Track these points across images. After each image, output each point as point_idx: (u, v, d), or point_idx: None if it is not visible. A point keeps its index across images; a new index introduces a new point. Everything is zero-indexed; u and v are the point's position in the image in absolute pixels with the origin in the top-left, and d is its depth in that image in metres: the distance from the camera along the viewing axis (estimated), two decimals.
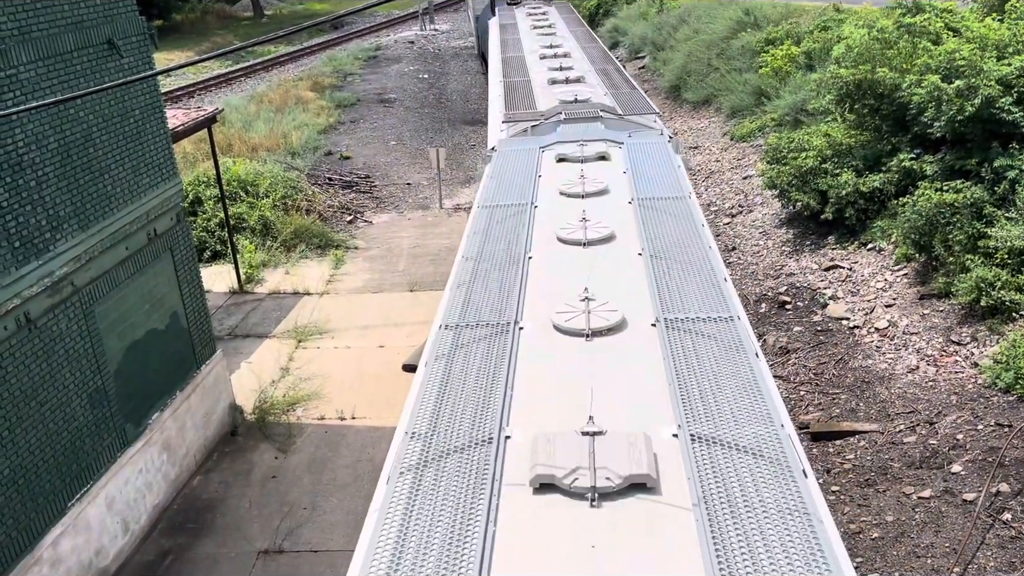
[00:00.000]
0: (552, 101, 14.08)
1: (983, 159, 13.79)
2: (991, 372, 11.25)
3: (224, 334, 15.95)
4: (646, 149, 11.02)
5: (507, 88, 16.32)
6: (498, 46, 22.47)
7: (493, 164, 10.81)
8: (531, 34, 23.53)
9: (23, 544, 8.61)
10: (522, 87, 16.18)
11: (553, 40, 21.67)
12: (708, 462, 4.59)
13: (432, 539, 4.17)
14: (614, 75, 18.11)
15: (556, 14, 29.53)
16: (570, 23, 26.82)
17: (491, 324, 6.54)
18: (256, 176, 21.62)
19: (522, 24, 26.64)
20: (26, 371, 8.61)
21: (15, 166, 8.42)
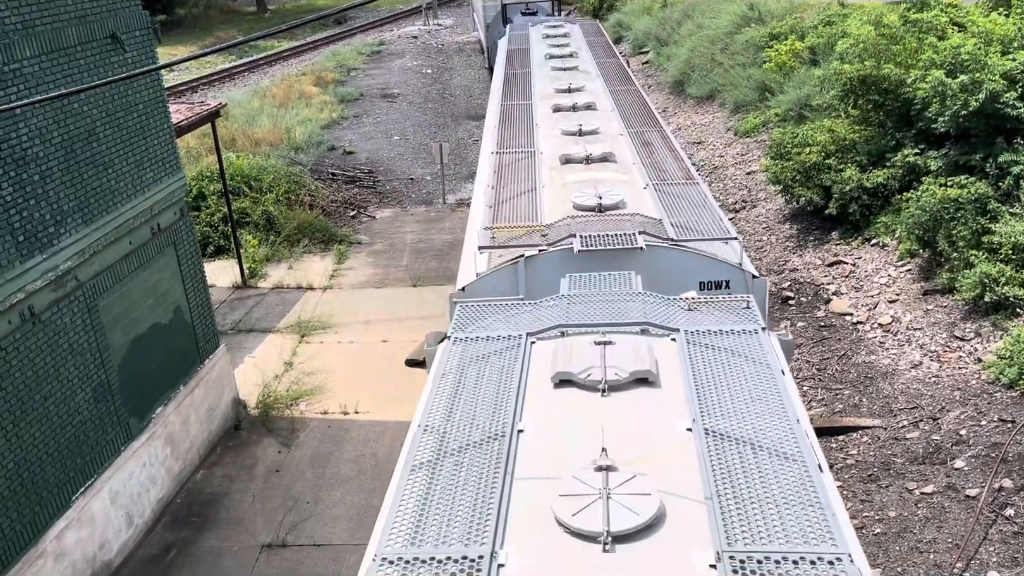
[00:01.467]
0: (563, 204, 9.09)
1: (987, 154, 13.76)
2: (995, 368, 11.23)
3: (228, 329, 15.97)
4: (726, 361, 5.76)
5: (501, 167, 11.01)
6: (501, 82, 16.60)
7: (445, 358, 6.14)
8: (545, 68, 17.08)
9: (28, 537, 8.65)
10: (523, 166, 10.92)
11: (573, 79, 15.51)
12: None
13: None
14: (659, 146, 11.64)
15: (579, 37, 21.22)
16: (597, 51, 19.25)
17: None
18: (259, 171, 21.64)
19: (536, 50, 19.42)
20: (30, 365, 8.64)
21: (19, 160, 8.43)
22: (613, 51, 19.73)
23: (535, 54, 18.77)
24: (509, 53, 19.45)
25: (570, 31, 21.63)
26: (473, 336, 6.32)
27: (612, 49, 19.92)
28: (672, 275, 7.66)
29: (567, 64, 16.95)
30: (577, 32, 21.79)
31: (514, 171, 10.79)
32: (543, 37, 20.80)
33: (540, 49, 19.16)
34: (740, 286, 7.88)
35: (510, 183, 10.33)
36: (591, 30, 22.34)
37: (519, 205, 9.40)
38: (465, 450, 4.94)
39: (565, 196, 9.30)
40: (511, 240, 8.27)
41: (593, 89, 14.93)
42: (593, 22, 24.33)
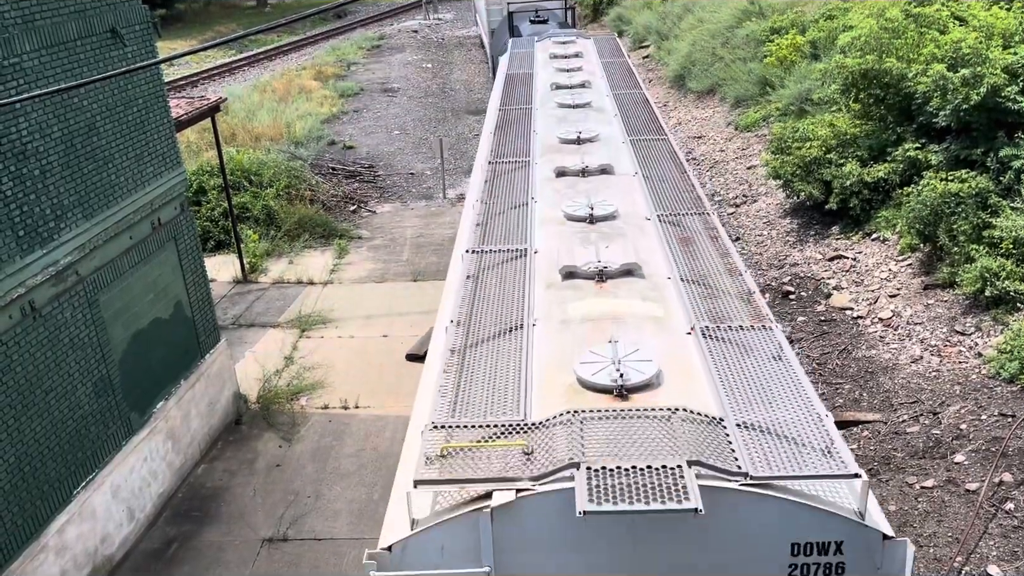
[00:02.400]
0: (562, 373, 5.72)
1: (988, 148, 13.74)
2: (995, 362, 11.23)
3: (228, 323, 15.98)
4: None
5: (480, 281, 7.21)
6: (494, 122, 12.80)
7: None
8: (550, 103, 13.38)
9: (29, 531, 8.66)
10: (510, 282, 7.12)
11: (585, 122, 12.02)
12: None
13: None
14: (706, 248, 7.87)
15: (594, 57, 17.03)
16: (614, 77, 15.22)
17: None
18: (260, 165, 21.62)
19: (541, 76, 15.47)
20: (31, 359, 8.65)
21: (19, 155, 8.43)
22: (634, 77, 15.41)
23: (539, 81, 14.94)
24: (508, 79, 15.40)
25: (583, 49, 17.61)
26: None
27: (633, 75, 15.54)
28: (745, 532, 4.63)
29: (578, 98, 13.32)
30: (591, 51, 17.61)
31: (497, 291, 6.75)
32: (551, 58, 16.88)
33: (546, 75, 15.43)
34: (862, 554, 4.73)
35: (487, 316, 6.38)
36: (608, 48, 18.02)
37: (494, 387, 5.48)
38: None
39: (571, 344, 5.95)
40: (468, 467, 4.73)
41: (609, 138, 11.33)
42: (610, 38, 19.03)
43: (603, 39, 18.96)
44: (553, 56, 16.83)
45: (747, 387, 5.37)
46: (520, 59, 16.83)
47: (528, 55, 17.34)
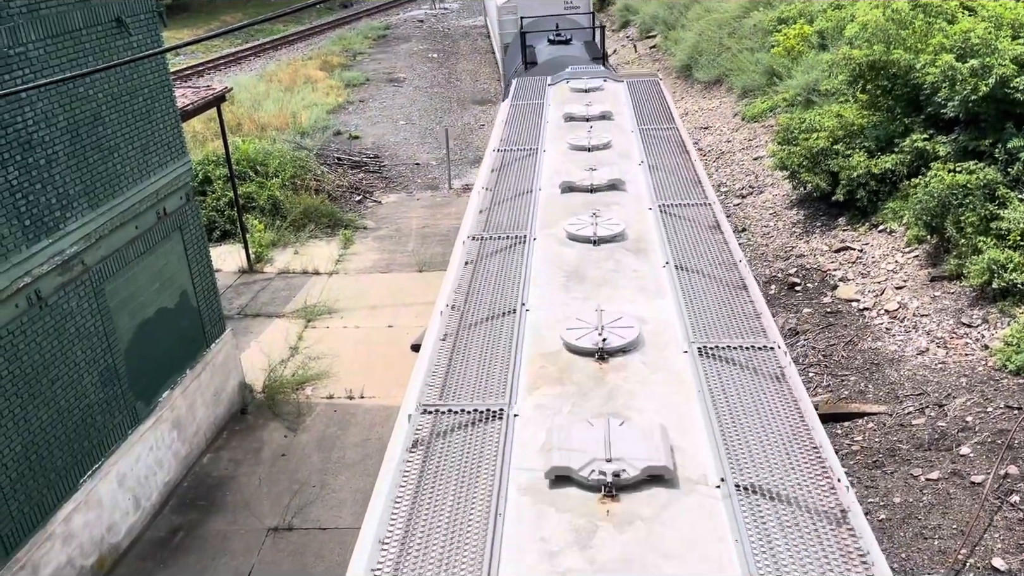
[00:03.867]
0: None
1: (997, 139, 13.66)
2: (1002, 355, 11.20)
3: (234, 313, 16.01)
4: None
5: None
6: (462, 256, 7.21)
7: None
8: (559, 225, 7.52)
9: (36, 520, 8.71)
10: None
11: (614, 275, 6.58)
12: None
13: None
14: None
15: (628, 116, 10.71)
16: (662, 158, 9.13)
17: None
18: (265, 155, 21.63)
19: (550, 153, 9.46)
20: (37, 349, 8.67)
21: (25, 144, 8.43)
22: (694, 168, 8.91)
23: (547, 164, 9.08)
24: (500, 156, 9.47)
25: (612, 105, 11.09)
26: None
27: (687, 155, 9.31)
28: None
29: (602, 213, 7.66)
30: (623, 103, 11.23)
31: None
32: (565, 120, 10.55)
33: (556, 151, 9.43)
34: None
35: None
36: (648, 99, 11.35)
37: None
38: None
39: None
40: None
41: (660, 315, 6.01)
42: (651, 81, 12.47)
43: (641, 84, 12.05)
44: (570, 118, 10.47)
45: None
46: (522, 117, 10.81)
47: (534, 111, 11.01)
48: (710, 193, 8.11)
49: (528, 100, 11.62)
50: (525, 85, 12.57)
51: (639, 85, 12.12)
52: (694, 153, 9.33)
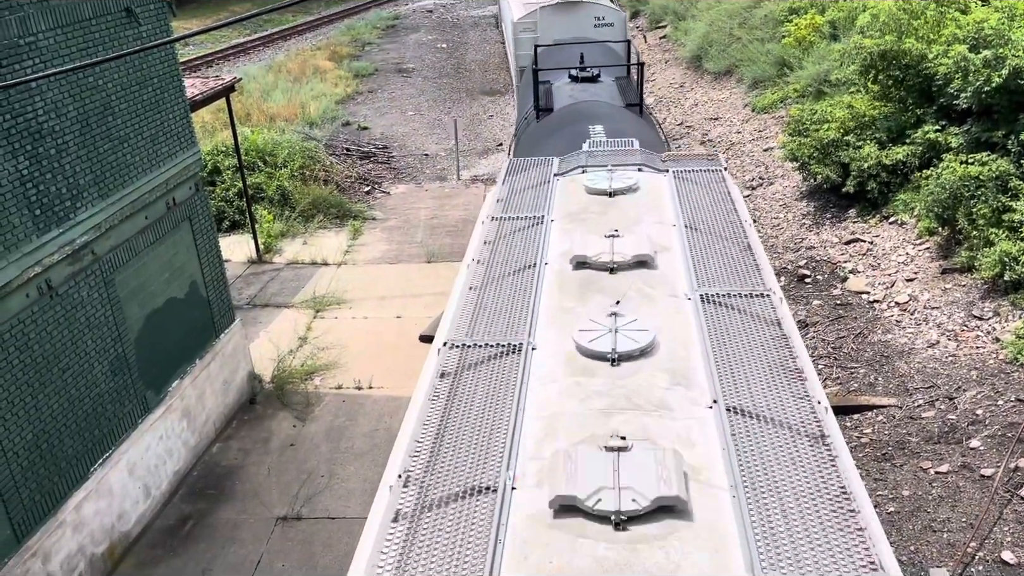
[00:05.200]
0: None
1: (1010, 131, 13.55)
2: (1013, 347, 11.13)
3: (243, 303, 16.05)
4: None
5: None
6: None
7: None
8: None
9: (47, 508, 8.77)
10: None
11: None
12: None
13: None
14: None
15: (682, 260, 6.81)
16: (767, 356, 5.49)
17: None
18: (274, 146, 21.64)
19: (549, 342, 5.78)
20: (48, 338, 8.71)
21: (35, 134, 8.45)
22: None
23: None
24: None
25: (653, 220, 7.64)
26: None
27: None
28: None
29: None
30: (669, 227, 7.50)
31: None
32: (576, 266, 6.79)
33: (558, 334, 5.92)
34: None
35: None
36: (711, 213, 7.72)
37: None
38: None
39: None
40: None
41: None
42: (711, 170, 8.72)
43: (696, 175, 8.59)
44: (581, 264, 6.75)
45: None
46: (504, 253, 7.27)
47: (525, 243, 7.37)
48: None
49: (518, 213, 7.88)
50: (520, 171, 8.95)
51: (694, 178, 8.39)
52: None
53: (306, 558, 9.91)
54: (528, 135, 12.89)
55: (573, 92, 14.20)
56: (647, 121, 13.07)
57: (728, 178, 8.51)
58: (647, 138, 11.35)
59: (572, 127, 11.52)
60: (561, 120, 12.58)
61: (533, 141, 12.43)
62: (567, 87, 14.58)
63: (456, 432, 4.99)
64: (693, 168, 8.77)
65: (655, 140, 12.05)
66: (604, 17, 21.82)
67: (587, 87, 14.41)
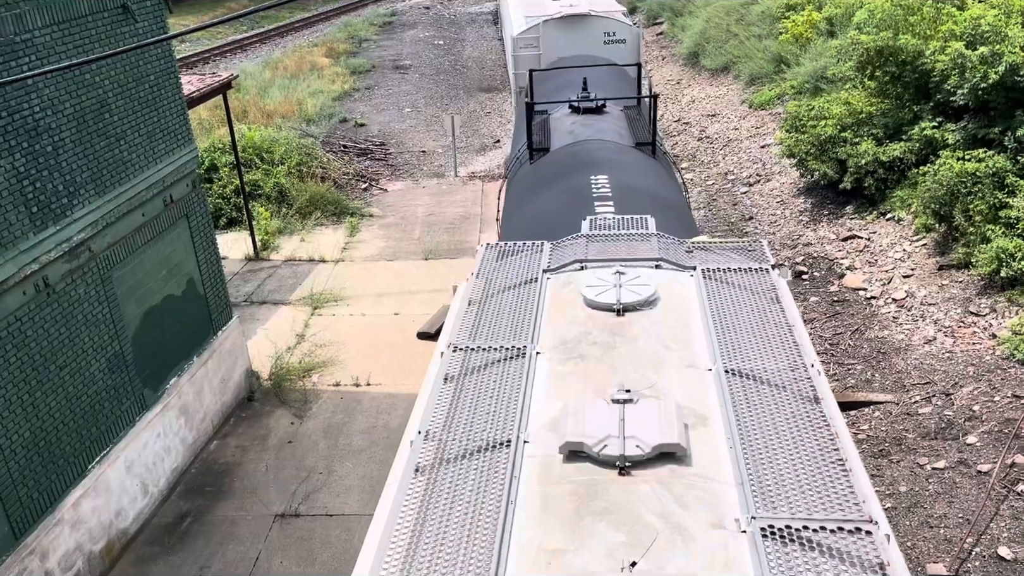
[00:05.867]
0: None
1: (1006, 128, 13.58)
2: (1009, 343, 11.16)
3: (240, 300, 16.04)
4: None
5: None
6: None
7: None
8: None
9: (44, 505, 8.76)
10: None
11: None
12: None
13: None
14: None
15: (719, 419, 4.84)
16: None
17: None
18: (271, 143, 21.61)
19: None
20: (45, 335, 8.70)
21: (32, 131, 8.44)
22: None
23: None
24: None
25: (682, 357, 5.46)
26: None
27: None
28: None
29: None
30: (702, 356, 5.47)
31: None
32: (567, 457, 4.54)
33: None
34: None
35: None
36: (764, 330, 5.65)
37: None
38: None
39: None
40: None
41: None
42: (761, 279, 6.29)
43: (738, 280, 6.34)
44: (574, 455, 4.55)
45: None
46: (474, 392, 5.27)
47: (510, 378, 5.34)
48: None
49: (491, 340, 5.74)
50: (501, 259, 6.96)
51: (731, 279, 6.20)
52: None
53: (304, 555, 9.92)
54: (519, 181, 10.86)
55: (574, 127, 11.86)
56: (662, 165, 10.90)
57: (777, 279, 6.25)
58: (663, 194, 9.26)
59: (570, 177, 9.47)
60: (558, 166, 10.39)
61: (524, 191, 10.46)
62: (567, 120, 12.27)
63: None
64: (729, 265, 6.45)
65: (672, 198, 9.42)
66: (615, 33, 19.33)
67: (590, 120, 12.03)
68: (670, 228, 7.84)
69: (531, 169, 11.06)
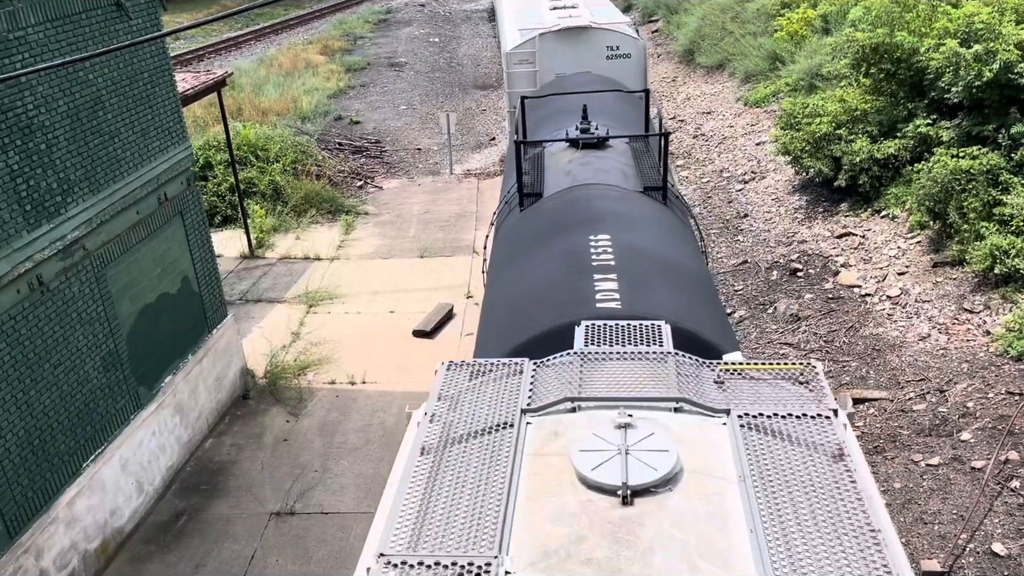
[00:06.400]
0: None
1: (1000, 125, 13.61)
2: (1003, 340, 11.19)
3: (235, 299, 16.02)
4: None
5: None
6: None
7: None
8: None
9: (39, 504, 8.75)
10: None
11: None
12: None
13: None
14: None
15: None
16: None
17: None
18: (266, 141, 21.57)
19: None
20: (39, 334, 8.68)
21: (25, 129, 8.41)
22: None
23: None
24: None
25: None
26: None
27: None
28: None
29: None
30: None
31: None
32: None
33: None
34: None
35: None
36: (834, 528, 3.89)
37: None
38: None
39: None
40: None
41: None
42: (820, 428, 4.51)
43: (789, 431, 4.52)
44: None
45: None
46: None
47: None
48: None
49: (434, 552, 3.88)
50: (467, 384, 5.25)
51: (778, 429, 4.56)
52: None
53: (300, 553, 9.92)
54: (508, 233, 9.34)
55: (572, 166, 10.12)
56: (675, 213, 9.31)
57: (840, 426, 4.58)
58: (677, 260, 7.66)
59: (565, 236, 7.97)
60: (551, 218, 8.80)
61: (513, 248, 8.77)
62: (564, 157, 10.48)
63: None
64: (777, 409, 4.69)
65: (689, 266, 7.79)
66: (619, 47, 17.72)
67: (590, 158, 10.29)
68: (691, 313, 6.47)
69: (521, 219, 9.31)
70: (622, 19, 19.31)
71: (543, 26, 18.15)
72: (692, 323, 6.38)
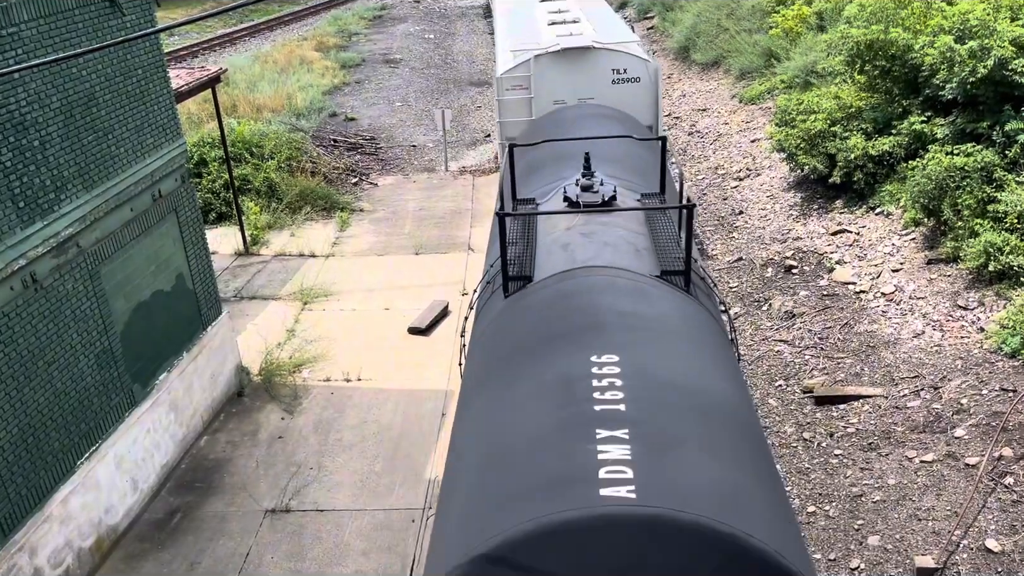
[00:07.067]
0: None
1: (995, 122, 13.63)
2: (997, 337, 11.22)
3: (230, 296, 15.99)
4: None
5: None
6: None
7: None
8: None
9: (33, 502, 8.72)
10: None
11: None
12: None
13: None
14: None
15: None
16: None
17: None
18: (261, 137, 21.52)
19: None
20: (33, 331, 8.65)
21: (18, 126, 8.38)
22: None
23: None
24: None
25: None
26: None
27: None
28: None
29: None
30: None
31: None
32: None
33: None
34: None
35: None
36: None
37: None
38: None
39: None
40: None
41: None
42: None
43: None
44: None
45: None
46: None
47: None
48: None
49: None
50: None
51: None
52: None
53: (295, 550, 9.91)
54: (486, 332, 7.34)
55: (570, 236, 8.07)
56: (700, 308, 7.19)
57: None
58: (710, 390, 5.60)
59: (558, 355, 5.90)
60: (541, 320, 6.67)
61: (490, 359, 6.66)
62: (561, 222, 8.44)
63: None
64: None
65: (727, 400, 5.64)
66: (626, 70, 15.59)
67: (594, 227, 8.22)
68: (737, 499, 4.44)
69: (506, 309, 7.29)
70: (631, 37, 17.23)
71: (539, 46, 16.37)
72: (743, 522, 4.24)
